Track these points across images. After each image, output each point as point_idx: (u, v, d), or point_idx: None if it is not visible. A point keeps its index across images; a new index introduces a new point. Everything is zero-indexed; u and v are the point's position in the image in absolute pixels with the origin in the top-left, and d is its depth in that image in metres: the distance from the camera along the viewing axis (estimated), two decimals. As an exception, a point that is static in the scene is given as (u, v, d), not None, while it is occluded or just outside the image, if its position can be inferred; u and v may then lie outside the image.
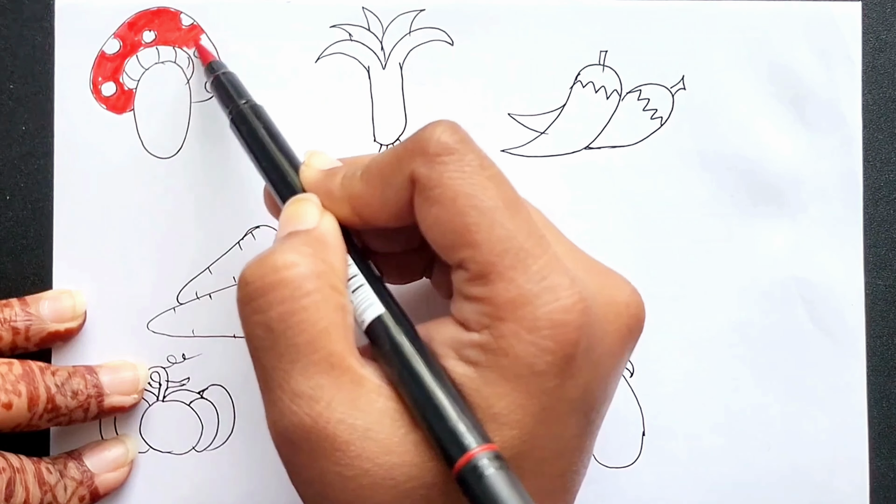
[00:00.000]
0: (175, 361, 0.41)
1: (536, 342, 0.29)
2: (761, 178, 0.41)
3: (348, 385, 0.29)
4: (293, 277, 0.30)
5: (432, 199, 0.30)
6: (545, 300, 0.29)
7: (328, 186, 0.33)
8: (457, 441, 0.28)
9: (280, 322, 0.29)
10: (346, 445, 0.29)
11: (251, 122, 0.36)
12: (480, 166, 0.30)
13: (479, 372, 0.29)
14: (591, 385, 0.30)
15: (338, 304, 0.30)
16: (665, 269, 0.41)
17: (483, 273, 0.29)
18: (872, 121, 0.42)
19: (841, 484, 0.41)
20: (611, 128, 0.41)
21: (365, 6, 0.41)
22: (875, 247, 0.42)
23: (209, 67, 0.39)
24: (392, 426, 0.29)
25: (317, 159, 0.34)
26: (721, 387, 0.41)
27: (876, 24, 0.42)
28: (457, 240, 0.30)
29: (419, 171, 0.30)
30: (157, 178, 0.41)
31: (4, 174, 0.41)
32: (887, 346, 0.42)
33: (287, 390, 0.29)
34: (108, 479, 0.39)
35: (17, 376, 0.37)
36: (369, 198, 0.32)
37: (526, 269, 0.29)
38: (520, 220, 0.30)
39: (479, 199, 0.29)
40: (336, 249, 0.31)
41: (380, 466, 0.29)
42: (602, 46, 0.41)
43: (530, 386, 0.29)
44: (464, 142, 0.30)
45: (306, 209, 0.32)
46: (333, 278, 0.30)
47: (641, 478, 0.41)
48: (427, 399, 0.29)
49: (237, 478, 0.41)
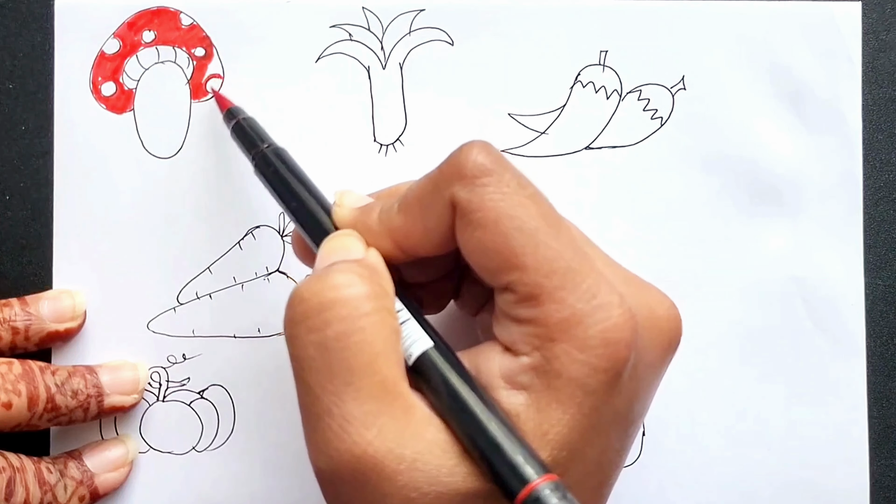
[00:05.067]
0: (175, 361, 0.41)
1: (589, 361, 0.28)
2: (761, 178, 0.41)
3: (400, 412, 0.29)
4: (353, 296, 0.29)
5: (475, 223, 0.29)
6: (597, 319, 0.28)
7: (366, 223, 0.32)
8: (516, 473, 0.28)
9: (337, 342, 0.29)
10: (394, 475, 0.28)
11: (276, 166, 0.35)
12: (519, 185, 0.30)
13: (532, 397, 0.29)
14: (633, 399, 0.30)
15: (393, 327, 0.30)
16: (665, 269, 0.41)
17: (532, 294, 0.29)
18: (872, 121, 0.42)
19: (841, 484, 0.41)
20: (611, 128, 0.41)
21: (365, 6, 0.41)
22: (875, 247, 0.42)
23: (228, 113, 0.39)
24: (442, 457, 0.28)
25: (348, 198, 0.33)
26: (721, 387, 0.41)
27: (876, 24, 0.42)
28: (502, 263, 0.29)
29: (459, 195, 0.30)
30: (157, 178, 0.41)
31: (4, 174, 0.41)
32: (887, 346, 0.42)
33: (336, 415, 0.28)
34: (109, 478, 0.39)
35: (17, 376, 0.37)
36: (410, 228, 0.31)
37: (575, 288, 0.29)
38: (564, 238, 0.29)
39: (522, 221, 0.29)
40: (386, 277, 0.31)
41: (425, 496, 0.28)
42: (602, 46, 0.41)
43: (582, 405, 0.29)
44: (499, 161, 0.30)
45: (351, 242, 0.32)
46: (388, 302, 0.30)
47: (641, 478, 0.41)
48: (481, 432, 0.28)
49: (237, 478, 0.41)
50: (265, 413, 0.41)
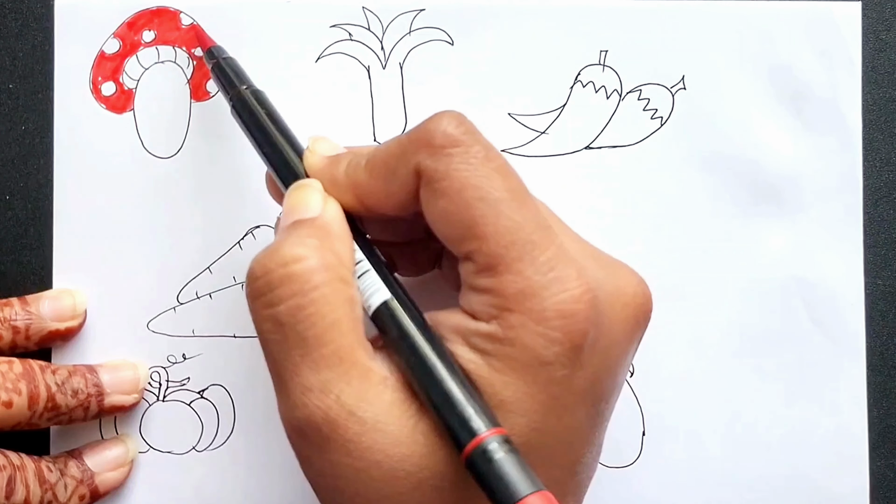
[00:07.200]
0: (175, 361, 0.41)
1: (545, 333, 0.29)
2: (761, 178, 0.41)
3: (357, 378, 0.29)
4: (302, 271, 0.30)
5: (439, 191, 0.30)
6: (553, 291, 0.29)
7: (332, 173, 0.32)
8: (466, 425, 0.28)
9: (289, 316, 0.29)
10: (356, 437, 0.29)
11: (253, 107, 0.36)
12: (486, 157, 0.30)
13: (487, 360, 0.29)
14: (600, 375, 0.30)
15: (346, 296, 0.30)
16: (665, 269, 0.41)
17: (491, 265, 0.29)
18: (872, 121, 0.42)
19: (841, 484, 0.41)
20: (611, 128, 0.41)
21: (365, 6, 0.41)
22: (875, 247, 0.42)
23: (209, 53, 0.39)
24: (401, 417, 0.29)
25: (321, 145, 0.34)
26: (721, 387, 0.41)
27: (876, 24, 0.42)
28: (464, 232, 0.30)
29: (425, 163, 0.30)
30: (157, 178, 0.41)
31: (4, 174, 0.41)
32: (887, 346, 0.42)
33: (297, 383, 0.29)
34: (109, 478, 0.39)
35: (18, 375, 0.37)
36: (374, 187, 0.32)
37: (533, 260, 0.29)
38: (527, 211, 0.30)
39: (485, 191, 0.29)
40: (342, 238, 0.31)
41: (390, 458, 0.29)
42: (602, 46, 0.41)
43: (538, 376, 0.29)
44: (470, 133, 0.30)
45: (310, 196, 0.32)
46: (342, 270, 0.30)
47: (641, 478, 0.41)
48: (435, 384, 0.29)
49: (237, 478, 0.41)
50: (265, 413, 0.41)
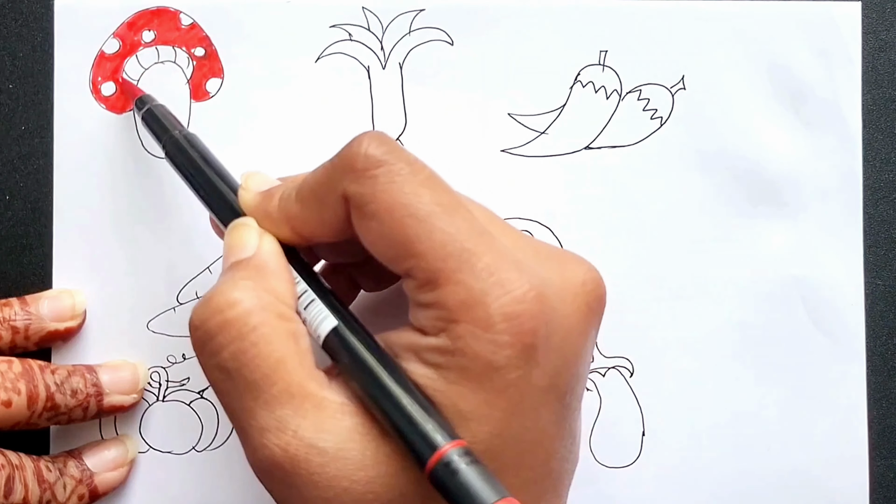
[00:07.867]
0: (175, 361, 0.41)
1: (493, 338, 0.28)
2: (761, 178, 0.41)
3: (312, 410, 0.29)
4: (237, 315, 0.30)
5: (368, 214, 0.30)
6: (495, 295, 0.29)
7: (265, 208, 0.32)
8: (425, 441, 0.28)
9: (233, 361, 0.30)
10: (320, 468, 0.29)
11: (186, 151, 0.36)
12: (411, 173, 0.30)
13: (441, 373, 0.29)
14: (560, 369, 0.30)
15: (288, 331, 0.30)
16: (665, 269, 0.41)
17: (431, 279, 0.29)
18: (872, 121, 0.42)
19: (841, 484, 0.41)
20: (611, 128, 0.41)
21: (365, 6, 0.41)
22: (875, 247, 0.42)
23: (139, 101, 0.39)
24: (363, 441, 0.29)
25: (253, 180, 0.33)
26: (721, 387, 0.41)
27: (876, 24, 0.42)
28: (400, 251, 0.29)
29: (351, 188, 0.30)
30: (157, 178, 0.41)
31: (4, 174, 0.41)
32: (887, 346, 0.42)
33: (254, 426, 0.29)
34: (108, 478, 0.39)
35: (17, 374, 0.37)
36: (307, 217, 0.31)
37: (472, 268, 0.29)
38: (459, 221, 0.29)
39: (414, 208, 0.29)
40: (278, 273, 0.31)
41: (357, 482, 0.29)
42: (602, 46, 0.41)
43: (493, 382, 0.29)
44: (392, 152, 0.30)
45: (245, 235, 0.32)
46: (279, 306, 0.30)
47: (641, 478, 0.41)
48: (390, 404, 0.29)
49: (237, 478, 0.41)
50: (265, 413, 0.41)
